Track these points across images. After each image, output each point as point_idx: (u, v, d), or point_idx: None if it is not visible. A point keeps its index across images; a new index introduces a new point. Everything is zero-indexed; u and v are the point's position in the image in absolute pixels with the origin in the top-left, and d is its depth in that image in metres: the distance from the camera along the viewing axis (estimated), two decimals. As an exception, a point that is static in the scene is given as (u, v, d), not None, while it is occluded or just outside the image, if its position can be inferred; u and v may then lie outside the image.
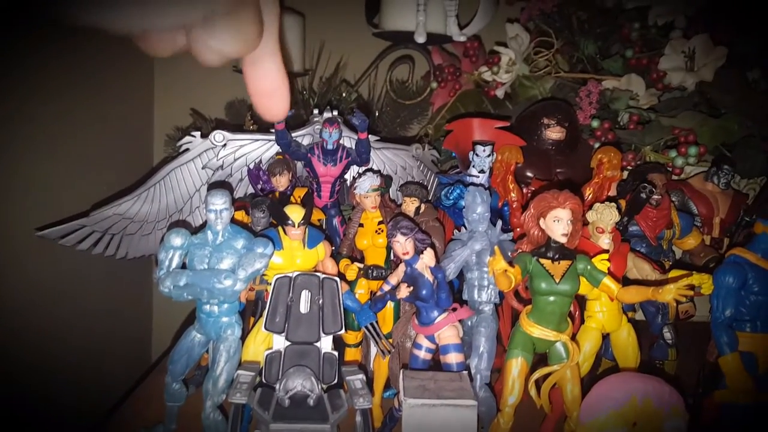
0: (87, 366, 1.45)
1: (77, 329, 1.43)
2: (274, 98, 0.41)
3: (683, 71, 1.43)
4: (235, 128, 1.34)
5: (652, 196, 1.13)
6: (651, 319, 1.33)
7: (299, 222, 1.03)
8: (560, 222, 0.89)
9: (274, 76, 0.40)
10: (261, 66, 0.39)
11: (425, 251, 0.94)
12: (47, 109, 1.38)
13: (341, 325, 1.00)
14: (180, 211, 1.32)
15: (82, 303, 1.45)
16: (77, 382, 1.42)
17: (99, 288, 1.50)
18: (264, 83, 0.40)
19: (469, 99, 1.83)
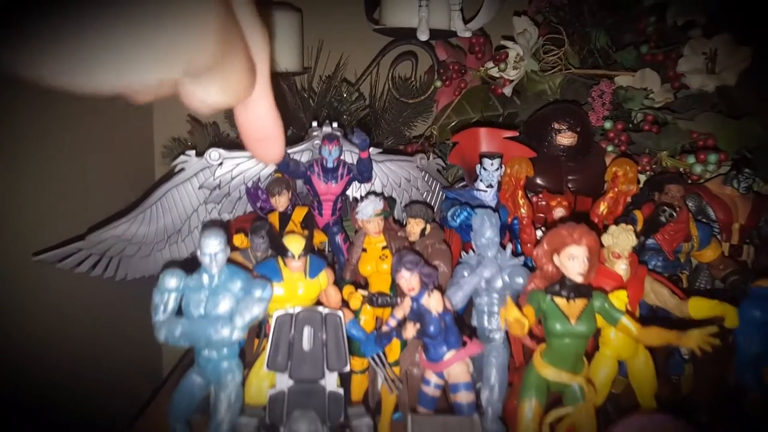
0: (97, 385, 1.43)
1: (85, 348, 1.40)
2: (267, 143, 0.39)
3: (703, 74, 1.36)
4: (232, 143, 1.28)
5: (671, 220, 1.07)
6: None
7: (299, 254, 0.98)
8: (576, 260, 0.84)
9: (266, 121, 0.37)
10: (252, 110, 0.37)
11: (432, 294, 0.90)
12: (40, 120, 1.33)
13: (346, 361, 0.96)
14: (178, 231, 1.28)
15: (88, 320, 1.42)
16: (88, 400, 1.39)
17: (106, 304, 1.47)
18: (256, 128, 0.38)
19: (476, 96, 1.76)
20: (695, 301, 1.00)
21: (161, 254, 1.30)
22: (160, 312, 0.87)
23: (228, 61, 0.30)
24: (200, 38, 0.27)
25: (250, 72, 0.33)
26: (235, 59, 0.31)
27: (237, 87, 0.32)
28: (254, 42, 0.33)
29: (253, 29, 0.33)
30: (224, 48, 0.29)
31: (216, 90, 0.31)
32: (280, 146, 0.40)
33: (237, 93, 0.33)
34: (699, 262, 1.38)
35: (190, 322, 0.85)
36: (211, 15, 0.28)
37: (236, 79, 0.32)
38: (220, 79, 0.31)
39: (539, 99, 1.72)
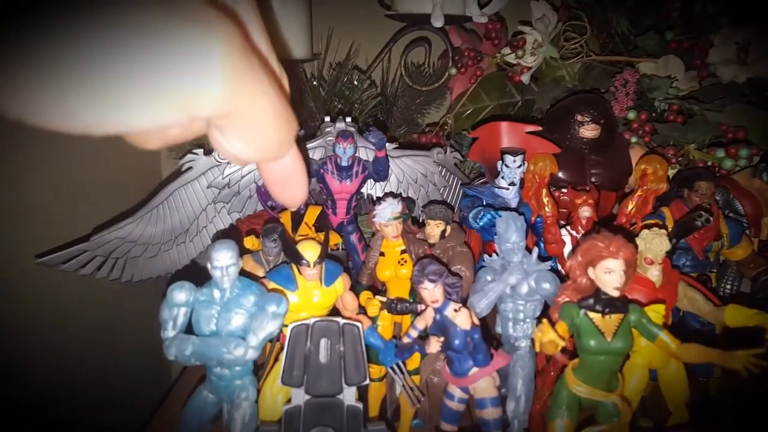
0: (105, 388, 1.39)
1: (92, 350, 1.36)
2: (289, 188, 0.36)
3: (735, 65, 1.28)
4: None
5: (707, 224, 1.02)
6: (694, 330, 1.23)
7: (315, 261, 0.93)
8: (613, 274, 0.78)
9: (289, 167, 0.34)
10: (279, 163, 0.34)
11: (459, 311, 0.85)
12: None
13: (365, 375, 0.91)
14: (186, 231, 1.23)
15: (94, 322, 1.38)
16: (96, 404, 1.36)
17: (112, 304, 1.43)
18: (279, 174, 0.35)
19: (491, 84, 1.69)
20: (732, 309, 0.95)
21: (168, 255, 1.25)
22: (169, 328, 0.82)
23: (249, 109, 0.26)
24: (209, 78, 0.23)
25: (285, 122, 0.28)
26: (259, 106, 0.26)
27: (266, 141, 0.28)
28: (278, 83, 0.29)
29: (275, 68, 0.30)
30: (241, 92, 0.25)
31: (240, 142, 0.27)
32: (301, 191, 0.37)
33: (267, 148, 0.28)
34: (726, 260, 1.33)
35: (201, 341, 0.81)
36: (223, 51, 0.23)
37: (263, 131, 0.27)
38: (242, 130, 0.26)
39: (557, 86, 1.65)
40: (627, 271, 0.80)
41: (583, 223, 1.15)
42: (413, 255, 1.05)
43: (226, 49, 0.23)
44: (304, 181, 0.36)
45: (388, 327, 1.08)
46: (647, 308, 0.84)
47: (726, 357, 0.76)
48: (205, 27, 0.23)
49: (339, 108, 1.56)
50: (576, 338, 0.83)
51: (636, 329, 0.83)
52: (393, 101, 1.70)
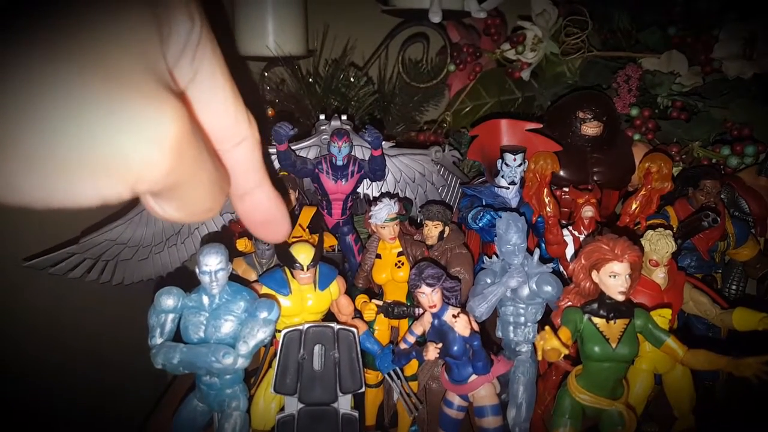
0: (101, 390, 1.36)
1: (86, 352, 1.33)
2: (271, 226, 0.35)
3: (741, 60, 1.25)
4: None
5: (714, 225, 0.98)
6: (699, 335, 1.20)
7: (308, 264, 0.90)
8: (618, 278, 0.75)
9: (266, 208, 0.34)
10: (249, 200, 0.33)
11: (458, 318, 0.81)
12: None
13: (361, 382, 0.88)
14: (177, 233, 1.20)
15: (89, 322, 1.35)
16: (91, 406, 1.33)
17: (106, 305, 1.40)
18: (256, 215, 0.35)
19: (491, 80, 1.66)
20: (741, 312, 0.92)
21: (160, 257, 1.22)
22: (156, 335, 0.79)
23: (187, 182, 0.26)
24: (155, 154, 0.23)
25: (219, 191, 0.28)
26: (196, 179, 0.26)
27: (197, 207, 0.27)
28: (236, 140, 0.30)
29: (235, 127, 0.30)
30: (182, 167, 0.25)
31: (171, 209, 0.27)
32: (285, 227, 0.36)
33: (196, 213, 0.28)
34: (732, 260, 1.29)
35: (189, 349, 0.77)
36: (171, 128, 0.23)
37: (196, 200, 0.27)
38: (177, 198, 0.26)
39: (558, 82, 1.62)
40: (632, 275, 0.77)
41: (585, 223, 1.12)
42: (411, 257, 1.02)
43: (173, 126, 0.23)
44: (285, 218, 0.36)
45: (385, 331, 1.05)
46: (653, 312, 0.81)
47: (735, 364, 0.73)
48: (156, 104, 0.23)
49: (335, 105, 1.52)
50: (579, 344, 0.80)
51: (642, 335, 0.80)
52: (390, 99, 1.67)
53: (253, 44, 1.64)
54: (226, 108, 0.30)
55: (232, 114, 0.30)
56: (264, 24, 1.56)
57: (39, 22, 0.21)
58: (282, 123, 1.04)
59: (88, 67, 0.21)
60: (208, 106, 0.28)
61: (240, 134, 0.30)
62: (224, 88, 0.29)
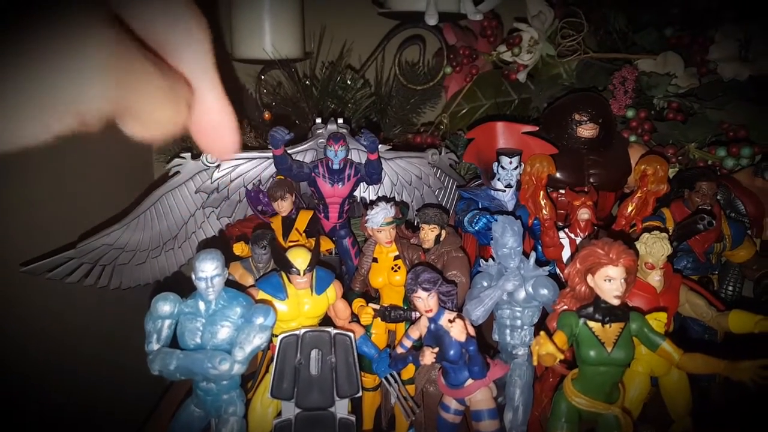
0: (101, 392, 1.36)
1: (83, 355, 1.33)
2: (218, 137, 0.36)
3: (737, 61, 1.25)
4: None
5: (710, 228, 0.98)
6: (695, 338, 1.20)
7: (305, 269, 0.90)
8: (613, 282, 0.75)
9: (218, 114, 0.35)
10: (201, 103, 0.34)
11: (454, 323, 0.81)
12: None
13: (358, 387, 0.88)
14: (175, 237, 1.20)
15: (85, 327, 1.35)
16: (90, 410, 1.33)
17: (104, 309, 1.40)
18: (206, 122, 0.35)
19: (487, 82, 1.66)
20: (737, 314, 0.92)
21: (157, 261, 1.22)
22: (153, 341, 0.79)
23: (139, 98, 0.28)
24: (90, 81, 0.25)
25: (176, 98, 0.30)
26: (148, 93, 0.28)
27: (160, 119, 0.30)
28: (179, 46, 0.31)
29: (174, 31, 0.31)
30: (126, 87, 0.27)
31: (138, 126, 0.29)
32: (234, 139, 0.36)
33: (161, 125, 0.30)
34: (728, 261, 1.30)
35: (185, 355, 0.77)
36: (98, 56, 0.25)
37: (156, 112, 0.29)
38: (137, 116, 0.28)
39: (554, 84, 1.62)
40: (627, 279, 0.77)
41: (581, 225, 1.12)
42: (407, 261, 1.02)
43: (105, 58, 0.25)
44: (233, 129, 0.36)
45: (382, 335, 1.05)
46: (649, 316, 0.81)
47: (732, 368, 0.73)
48: (88, 40, 0.24)
49: (332, 108, 1.52)
50: (575, 348, 0.80)
51: (637, 338, 0.80)
52: (387, 101, 1.67)
53: (250, 47, 1.64)
54: (162, 12, 0.30)
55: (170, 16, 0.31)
56: (261, 26, 1.55)
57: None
58: (278, 128, 1.05)
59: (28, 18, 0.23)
60: (146, 23, 0.30)
61: (181, 34, 0.31)
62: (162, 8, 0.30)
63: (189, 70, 0.33)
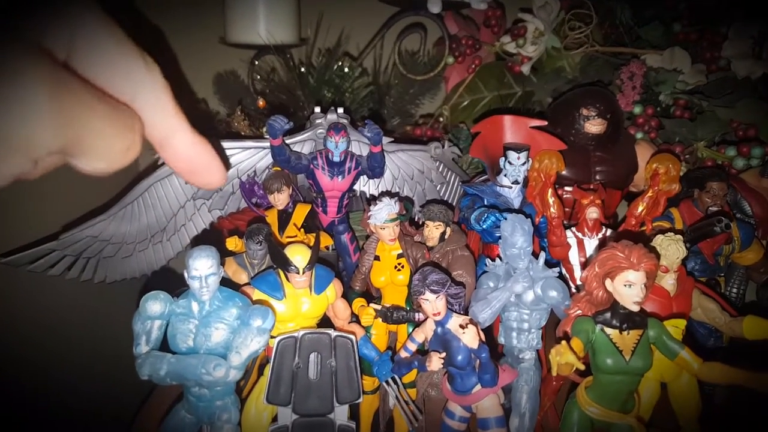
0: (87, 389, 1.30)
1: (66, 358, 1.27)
2: (201, 174, 0.36)
3: (750, 59, 1.21)
4: (225, 131, 1.14)
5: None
6: (701, 342, 1.17)
7: (305, 268, 0.85)
8: (633, 287, 0.71)
9: (188, 155, 0.35)
10: (169, 148, 0.34)
11: (467, 330, 0.77)
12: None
13: (359, 392, 0.84)
14: (163, 230, 1.14)
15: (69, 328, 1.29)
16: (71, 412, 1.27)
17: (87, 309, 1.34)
18: (179, 164, 0.35)
19: (489, 74, 1.61)
20: (752, 320, 0.89)
21: (144, 255, 1.16)
22: (142, 343, 0.74)
23: (85, 131, 0.28)
24: (35, 125, 0.25)
25: (125, 128, 0.30)
26: (93, 126, 0.28)
27: (111, 150, 0.30)
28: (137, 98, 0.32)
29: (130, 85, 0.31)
30: (70, 121, 0.27)
31: (90, 160, 0.29)
32: (215, 174, 0.37)
33: (115, 157, 0.30)
34: (733, 263, 1.26)
35: (177, 360, 0.72)
36: (42, 99, 0.25)
37: (106, 144, 0.30)
38: (87, 149, 0.29)
39: (557, 77, 1.58)
40: (647, 283, 0.73)
41: (589, 224, 1.08)
42: (411, 259, 0.98)
43: (46, 98, 0.25)
44: (211, 166, 0.36)
45: (383, 336, 1.00)
46: (666, 323, 0.77)
47: (756, 379, 0.70)
48: (29, 82, 0.25)
49: (329, 97, 1.47)
50: (590, 356, 0.76)
51: (655, 346, 0.76)
52: (386, 91, 1.61)
53: (244, 31, 1.58)
54: (112, 67, 0.31)
55: (122, 69, 0.31)
56: (255, 10, 1.49)
57: None
58: (276, 116, 0.99)
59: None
60: (94, 66, 0.30)
61: (133, 86, 0.31)
62: (109, 50, 0.30)
63: (151, 119, 0.33)
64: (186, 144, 0.35)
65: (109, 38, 0.31)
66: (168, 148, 0.34)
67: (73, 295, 1.25)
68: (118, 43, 0.31)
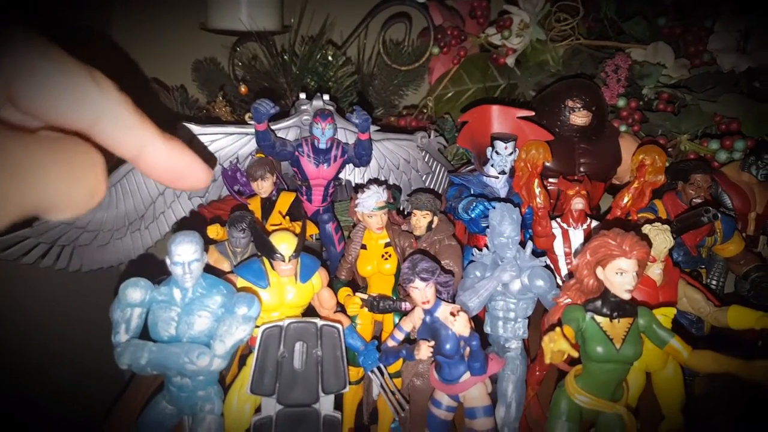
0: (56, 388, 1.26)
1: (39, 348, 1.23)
2: (180, 182, 0.35)
3: (736, 53, 1.22)
4: (205, 118, 1.11)
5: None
6: (682, 332, 1.18)
7: (291, 255, 0.83)
8: (625, 275, 0.71)
9: (166, 165, 0.34)
10: (144, 161, 0.33)
11: (458, 317, 0.76)
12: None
13: (345, 382, 0.82)
14: (141, 218, 1.11)
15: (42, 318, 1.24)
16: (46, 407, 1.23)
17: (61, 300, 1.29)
18: (159, 174, 0.35)
19: (474, 65, 1.61)
20: (736, 310, 0.90)
21: (121, 243, 1.13)
22: (121, 331, 0.71)
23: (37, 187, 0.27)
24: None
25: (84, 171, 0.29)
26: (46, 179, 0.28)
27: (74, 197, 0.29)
28: (98, 122, 0.30)
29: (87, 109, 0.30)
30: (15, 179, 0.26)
31: (55, 212, 0.29)
32: (198, 175, 0.36)
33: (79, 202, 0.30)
34: (714, 255, 1.28)
35: (158, 348, 0.70)
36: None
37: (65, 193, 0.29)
38: (48, 203, 0.28)
39: (541, 70, 1.58)
40: (638, 272, 0.72)
41: (575, 215, 1.08)
42: (398, 248, 0.96)
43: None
44: (192, 168, 0.35)
45: (368, 326, 0.99)
46: (656, 311, 0.77)
47: (747, 368, 0.70)
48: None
49: (312, 85, 1.44)
50: (581, 344, 0.76)
51: (644, 334, 0.76)
52: (369, 80, 1.59)
53: (225, 17, 1.55)
54: (62, 97, 0.30)
55: (73, 97, 0.30)
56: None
57: None
58: (262, 100, 0.96)
59: None
60: (42, 101, 0.29)
61: (91, 112, 0.30)
62: (55, 80, 0.29)
63: (117, 139, 0.32)
64: (160, 154, 0.34)
65: (53, 68, 0.29)
66: (143, 162, 0.33)
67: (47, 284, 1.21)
68: (64, 71, 0.30)
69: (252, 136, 1.05)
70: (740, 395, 1.02)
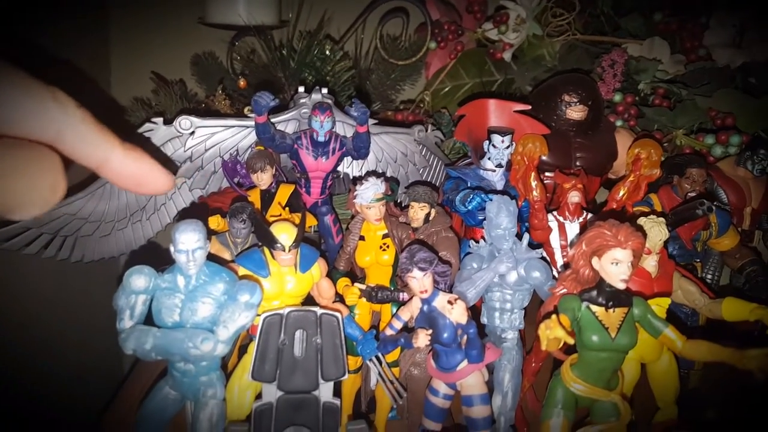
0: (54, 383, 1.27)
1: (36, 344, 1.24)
2: (144, 186, 0.38)
3: (731, 48, 1.24)
4: (205, 112, 1.12)
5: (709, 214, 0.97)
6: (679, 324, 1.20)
7: (291, 245, 0.84)
8: (620, 265, 0.72)
9: (129, 172, 0.37)
10: (108, 171, 0.36)
11: (455, 305, 0.77)
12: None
13: (344, 369, 0.83)
14: (143, 209, 1.12)
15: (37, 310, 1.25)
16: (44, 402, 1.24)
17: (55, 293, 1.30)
18: (124, 181, 0.37)
19: (470, 60, 1.62)
20: (731, 302, 0.91)
21: (123, 234, 1.14)
22: (125, 318, 0.72)
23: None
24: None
25: (41, 171, 0.31)
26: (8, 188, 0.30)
27: (32, 195, 0.31)
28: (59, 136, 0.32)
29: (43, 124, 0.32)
30: None
31: (18, 212, 0.31)
32: (161, 179, 0.38)
33: (39, 200, 0.32)
34: (709, 249, 1.29)
35: (163, 334, 0.71)
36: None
37: (23, 192, 0.31)
38: (8, 204, 0.30)
39: (537, 65, 1.59)
40: (633, 262, 0.74)
41: (571, 208, 1.09)
42: (396, 240, 0.97)
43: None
44: (154, 175, 0.37)
45: (366, 316, 1.00)
46: (650, 301, 0.79)
47: (740, 356, 0.71)
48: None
49: (310, 80, 1.45)
50: (576, 333, 0.77)
51: (639, 324, 0.77)
52: (366, 75, 1.60)
53: (223, 12, 1.55)
54: (22, 115, 0.31)
55: (34, 115, 0.31)
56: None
57: None
58: (262, 92, 0.97)
59: None
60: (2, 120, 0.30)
61: (52, 127, 0.32)
62: (14, 99, 0.30)
63: (79, 152, 0.33)
64: (121, 163, 0.36)
65: (12, 89, 0.31)
66: (106, 172, 0.36)
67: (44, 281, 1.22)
68: (23, 90, 0.31)
69: (251, 128, 1.06)
70: (734, 388, 1.04)
